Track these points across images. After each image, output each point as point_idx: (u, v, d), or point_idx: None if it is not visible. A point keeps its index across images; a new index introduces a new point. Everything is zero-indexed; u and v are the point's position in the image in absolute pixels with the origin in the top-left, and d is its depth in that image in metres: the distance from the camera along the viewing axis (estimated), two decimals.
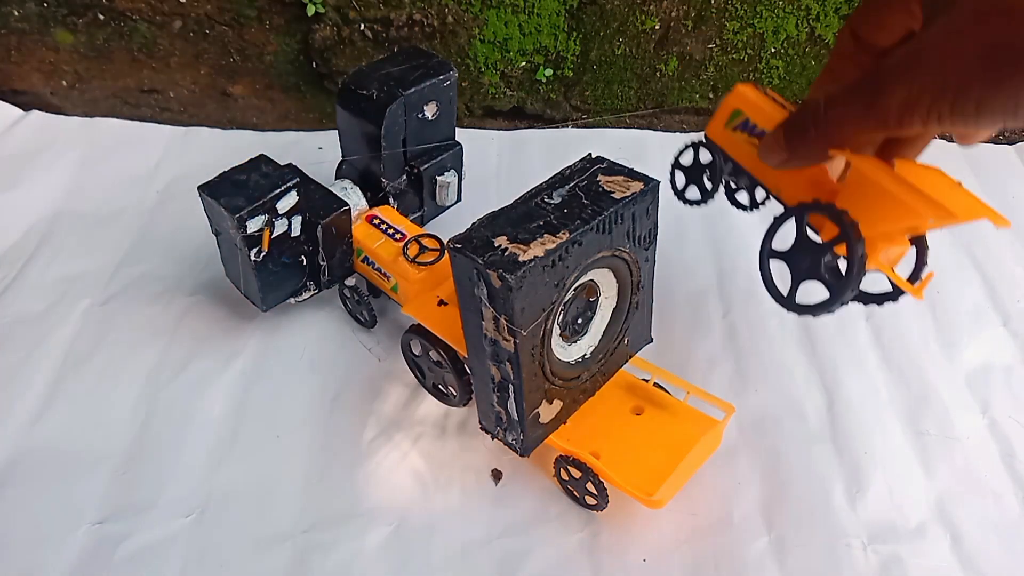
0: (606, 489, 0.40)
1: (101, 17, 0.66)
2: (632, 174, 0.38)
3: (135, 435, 0.46)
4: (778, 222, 0.35)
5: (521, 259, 0.33)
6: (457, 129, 0.54)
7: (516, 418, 0.38)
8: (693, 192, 0.44)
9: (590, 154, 0.39)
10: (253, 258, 0.46)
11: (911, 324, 0.54)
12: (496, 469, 0.44)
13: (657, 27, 0.67)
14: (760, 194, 0.42)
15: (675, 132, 0.72)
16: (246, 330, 0.52)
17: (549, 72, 0.69)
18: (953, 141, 0.38)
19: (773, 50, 0.68)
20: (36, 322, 0.53)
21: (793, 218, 0.34)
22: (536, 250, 0.33)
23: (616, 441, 0.41)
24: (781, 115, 0.36)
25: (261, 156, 0.47)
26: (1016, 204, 0.65)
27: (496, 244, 0.33)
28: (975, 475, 0.45)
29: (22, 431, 0.46)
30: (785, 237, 0.35)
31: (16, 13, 0.66)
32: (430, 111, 0.50)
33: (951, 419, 0.48)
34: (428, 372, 0.47)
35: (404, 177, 0.52)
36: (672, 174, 0.44)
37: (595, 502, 0.41)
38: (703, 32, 0.67)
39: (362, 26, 0.65)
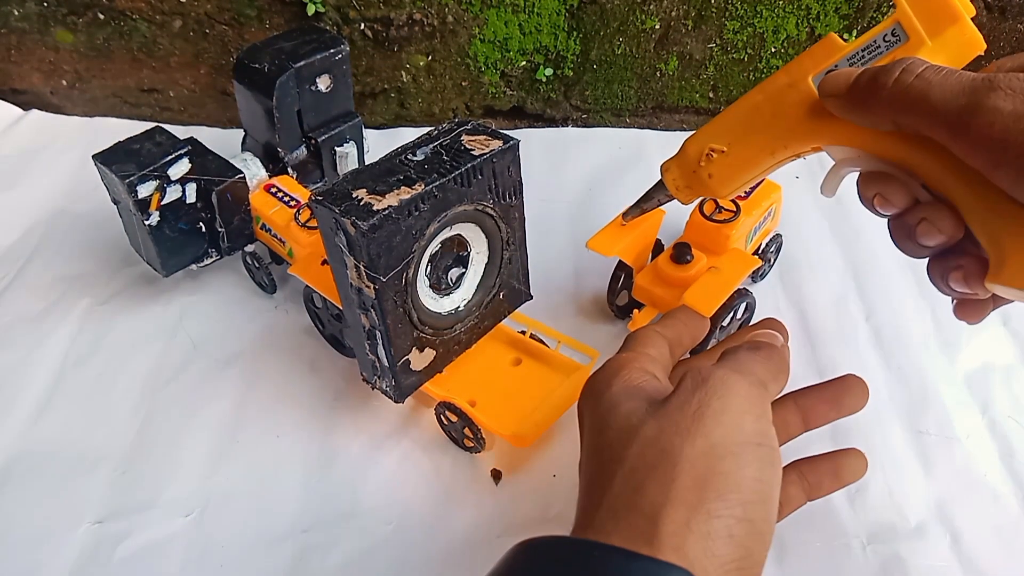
0: (480, 431, 0.43)
1: (101, 17, 0.66)
2: (494, 133, 0.39)
3: (135, 435, 0.46)
4: None
5: (375, 208, 0.35)
6: None
7: (387, 364, 0.40)
8: None
9: (458, 117, 0.40)
10: (147, 223, 0.47)
11: (911, 324, 0.53)
12: (496, 469, 0.44)
13: (657, 27, 0.67)
14: None
15: (675, 131, 0.72)
16: (246, 330, 0.52)
17: (549, 72, 0.69)
18: None
19: (773, 50, 0.68)
20: (36, 322, 0.53)
21: None
22: (391, 200, 0.35)
23: (493, 389, 0.44)
24: None
25: (156, 127, 0.49)
26: None
27: (355, 196, 0.35)
28: (975, 475, 0.45)
29: (22, 431, 0.46)
30: None
31: (16, 13, 0.66)
32: (323, 84, 0.52)
33: (951, 419, 0.47)
34: (327, 324, 0.50)
35: (303, 149, 0.54)
36: None
37: (472, 444, 0.44)
38: (703, 32, 0.67)
39: (362, 25, 0.65)
